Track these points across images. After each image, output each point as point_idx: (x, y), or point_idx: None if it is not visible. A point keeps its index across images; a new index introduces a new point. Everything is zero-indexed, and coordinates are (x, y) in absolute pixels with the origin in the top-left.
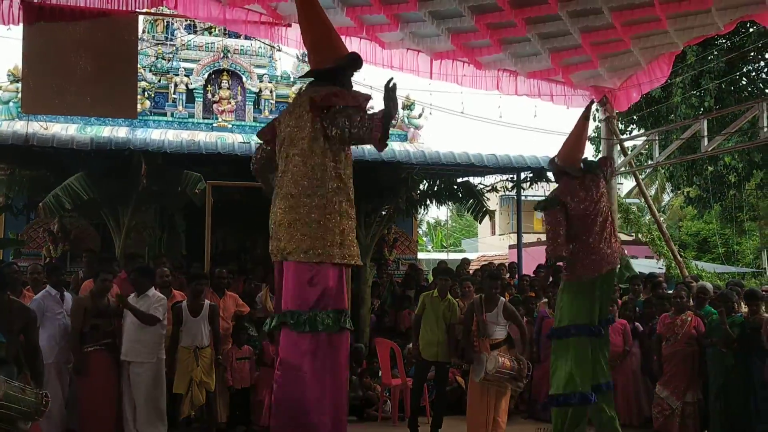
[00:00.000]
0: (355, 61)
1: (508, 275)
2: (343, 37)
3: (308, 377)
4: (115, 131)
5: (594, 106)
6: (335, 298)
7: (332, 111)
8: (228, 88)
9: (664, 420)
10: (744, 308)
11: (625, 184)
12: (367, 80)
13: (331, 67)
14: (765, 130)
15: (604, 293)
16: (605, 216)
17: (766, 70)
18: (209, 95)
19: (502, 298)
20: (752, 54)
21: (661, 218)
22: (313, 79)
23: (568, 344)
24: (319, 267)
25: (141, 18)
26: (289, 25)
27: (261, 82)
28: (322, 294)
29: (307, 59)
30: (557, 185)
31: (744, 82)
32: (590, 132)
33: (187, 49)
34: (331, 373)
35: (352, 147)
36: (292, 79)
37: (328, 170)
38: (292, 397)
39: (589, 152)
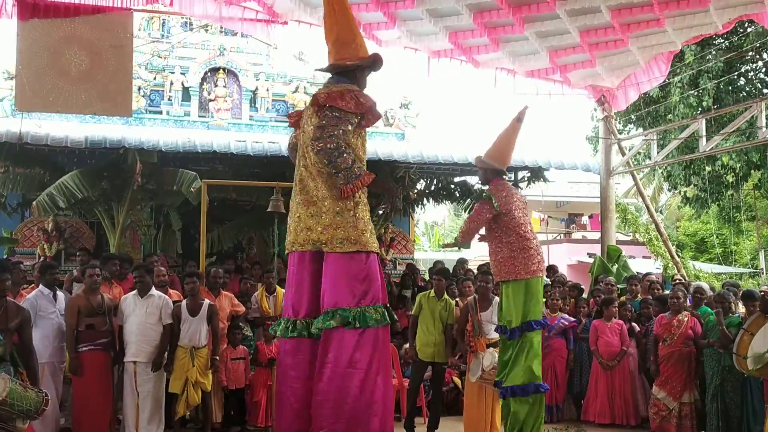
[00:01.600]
0: (376, 62)
1: None
2: None
3: (361, 375)
4: (111, 129)
5: (593, 106)
6: (381, 290)
7: (328, 111)
8: (224, 86)
9: (661, 420)
10: (741, 309)
11: (623, 184)
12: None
13: (354, 65)
14: (763, 129)
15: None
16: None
17: (764, 70)
18: (205, 93)
19: (496, 297)
20: (750, 54)
21: (659, 218)
22: (330, 74)
23: (530, 339)
24: (360, 257)
25: (137, 15)
26: (286, 23)
27: (257, 80)
28: (369, 286)
29: (329, 55)
30: (491, 184)
31: (742, 82)
32: (589, 132)
33: (183, 46)
34: (382, 371)
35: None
36: (288, 78)
37: None
38: (344, 395)
39: (588, 151)
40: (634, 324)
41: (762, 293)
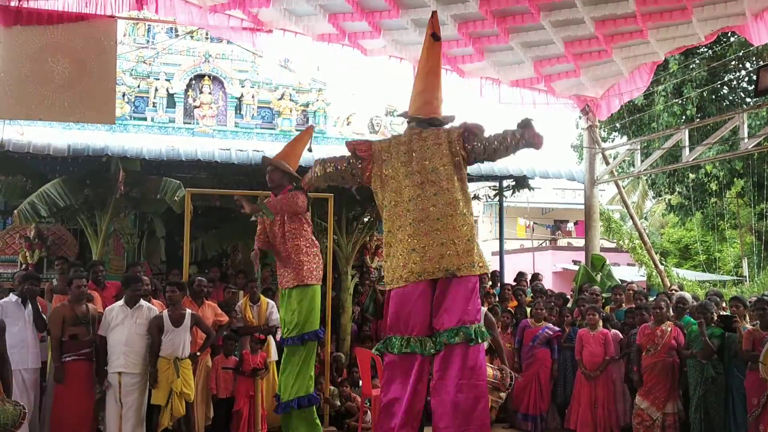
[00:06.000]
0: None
1: (489, 284)
2: (324, 44)
3: (483, 386)
4: (94, 137)
5: (577, 115)
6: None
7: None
8: (209, 93)
9: (644, 431)
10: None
11: (608, 191)
12: (349, 87)
13: (438, 120)
14: (745, 140)
15: None
16: None
17: (746, 79)
18: (190, 100)
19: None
20: (733, 63)
21: (643, 225)
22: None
23: (309, 348)
24: (476, 278)
25: (122, 21)
26: (271, 31)
27: (243, 87)
28: (479, 305)
29: (426, 106)
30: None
31: (725, 91)
32: (574, 141)
33: (168, 53)
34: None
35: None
36: (274, 85)
37: (460, 192)
38: (474, 404)
39: (572, 160)
40: (616, 332)
41: (750, 302)
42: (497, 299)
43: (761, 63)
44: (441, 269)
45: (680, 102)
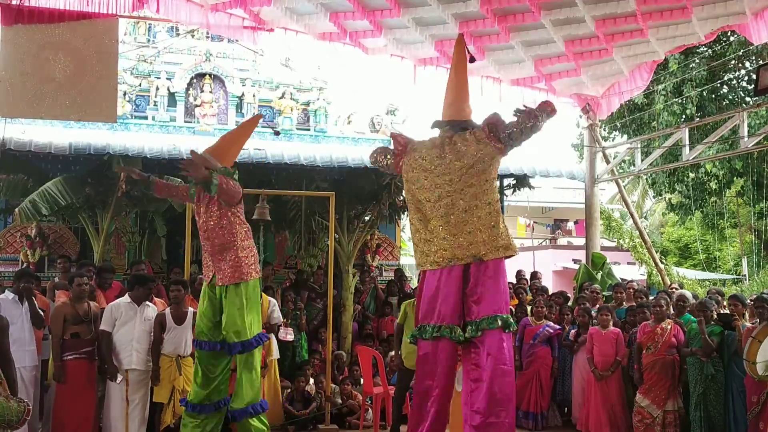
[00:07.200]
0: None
1: None
2: (326, 43)
3: (513, 371)
4: (95, 135)
5: (578, 114)
6: None
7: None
8: (210, 92)
9: (645, 428)
10: (747, 318)
11: (608, 190)
12: (351, 84)
13: (470, 123)
14: (745, 138)
15: None
16: None
17: (746, 78)
18: (191, 99)
19: None
20: (733, 63)
21: (643, 224)
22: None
23: (254, 353)
24: (501, 263)
25: (122, 20)
26: (272, 30)
27: (244, 85)
28: (507, 294)
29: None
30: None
31: (725, 90)
32: (574, 140)
33: (169, 52)
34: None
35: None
36: (275, 84)
37: (486, 184)
38: (508, 389)
39: (573, 159)
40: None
41: (751, 302)
42: None
43: (761, 62)
44: (469, 255)
45: (680, 101)
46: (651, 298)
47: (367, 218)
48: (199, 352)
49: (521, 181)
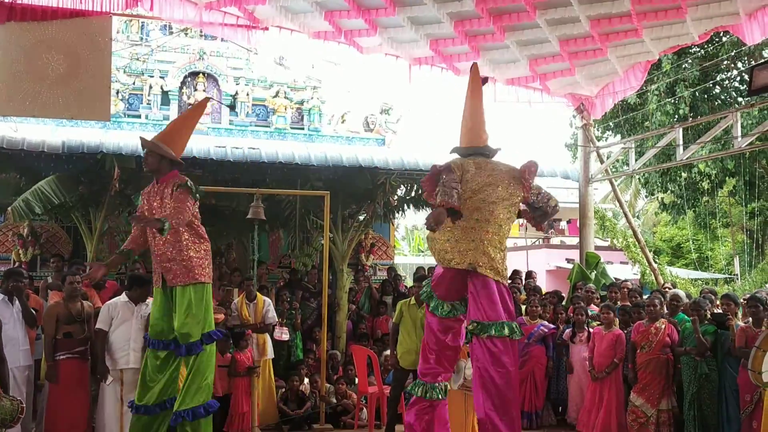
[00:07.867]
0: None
1: None
2: (320, 41)
3: (515, 377)
4: (88, 134)
5: (572, 113)
6: None
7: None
8: (204, 90)
9: (638, 427)
10: (740, 318)
11: (601, 189)
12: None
13: (490, 150)
14: (738, 139)
15: None
16: None
17: (738, 78)
18: (185, 97)
19: None
20: (726, 63)
21: (636, 223)
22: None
23: (211, 352)
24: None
25: (115, 18)
26: (267, 29)
27: (237, 84)
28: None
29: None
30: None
31: (717, 91)
32: (568, 139)
33: (162, 50)
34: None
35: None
36: (269, 82)
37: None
38: (507, 395)
39: (567, 158)
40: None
41: (744, 301)
42: None
43: (753, 62)
44: (466, 263)
45: (673, 101)
46: (644, 297)
47: (361, 217)
48: (149, 350)
49: None
